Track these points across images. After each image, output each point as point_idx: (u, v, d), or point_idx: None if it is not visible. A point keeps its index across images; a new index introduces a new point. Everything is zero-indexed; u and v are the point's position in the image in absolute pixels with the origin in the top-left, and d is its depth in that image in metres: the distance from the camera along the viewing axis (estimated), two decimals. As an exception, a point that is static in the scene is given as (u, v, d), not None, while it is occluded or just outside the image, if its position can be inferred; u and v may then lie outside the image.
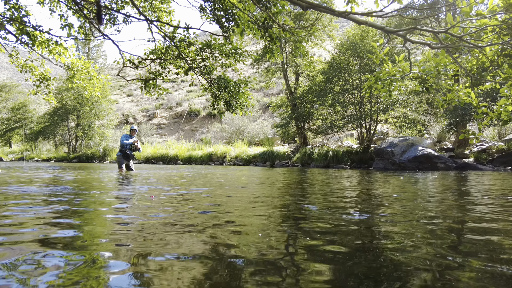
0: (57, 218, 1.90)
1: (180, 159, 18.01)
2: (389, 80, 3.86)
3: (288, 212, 2.27)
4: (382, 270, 1.10)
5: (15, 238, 1.45)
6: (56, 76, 15.34)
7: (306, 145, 16.00)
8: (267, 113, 26.92)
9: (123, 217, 2.00)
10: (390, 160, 10.66)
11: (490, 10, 3.22)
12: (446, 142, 14.45)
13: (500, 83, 3.67)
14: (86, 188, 3.76)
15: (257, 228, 1.71)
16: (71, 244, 1.37)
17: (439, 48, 3.44)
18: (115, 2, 6.05)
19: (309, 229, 1.70)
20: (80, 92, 22.95)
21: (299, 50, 4.93)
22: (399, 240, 1.50)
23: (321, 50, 19.16)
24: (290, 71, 16.96)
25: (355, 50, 12.80)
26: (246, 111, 5.87)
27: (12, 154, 26.35)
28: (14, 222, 1.79)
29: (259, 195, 3.24)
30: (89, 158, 21.62)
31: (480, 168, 9.74)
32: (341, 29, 24.19)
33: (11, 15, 5.44)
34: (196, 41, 5.66)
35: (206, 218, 1.95)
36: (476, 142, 12.54)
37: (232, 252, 1.28)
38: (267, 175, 6.81)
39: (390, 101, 12.31)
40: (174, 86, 42.47)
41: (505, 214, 2.23)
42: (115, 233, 1.58)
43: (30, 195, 2.96)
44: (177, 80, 42.60)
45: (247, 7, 4.57)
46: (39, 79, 6.33)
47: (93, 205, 2.49)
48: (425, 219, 2.02)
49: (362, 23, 3.77)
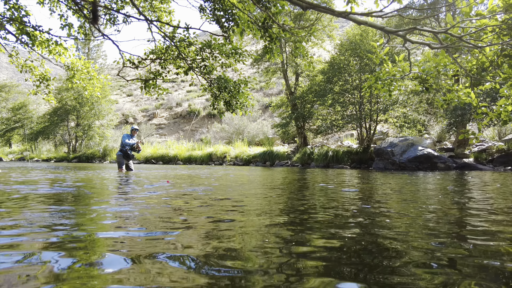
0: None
1: (180, 159, 18.01)
2: (389, 80, 3.86)
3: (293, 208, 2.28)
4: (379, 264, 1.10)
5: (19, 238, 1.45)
6: (56, 76, 15.33)
7: (306, 145, 16.00)
8: (267, 113, 26.93)
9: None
10: (390, 160, 10.67)
11: (490, 10, 3.22)
12: (446, 142, 14.46)
13: (499, 83, 3.68)
14: (98, 189, 3.76)
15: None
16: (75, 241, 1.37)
17: (439, 48, 3.45)
18: (115, 2, 6.05)
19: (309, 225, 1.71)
20: (80, 92, 22.96)
21: (299, 50, 4.93)
22: (398, 234, 1.50)
23: (321, 50, 19.18)
24: (290, 71, 16.97)
25: (355, 50, 12.80)
26: (246, 111, 5.87)
27: (12, 154, 26.35)
28: (21, 223, 1.79)
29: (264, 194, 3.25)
30: (89, 158, 21.63)
31: (480, 168, 9.75)
32: (341, 29, 24.20)
33: (11, 15, 5.45)
34: (196, 41, 5.66)
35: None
36: (476, 142, 12.55)
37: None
38: (267, 175, 6.82)
39: (390, 101, 12.32)
40: (174, 86, 42.48)
41: (504, 214, 2.23)
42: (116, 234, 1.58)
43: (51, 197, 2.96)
44: (177, 80, 42.62)
45: (247, 7, 4.58)
46: (39, 79, 6.34)
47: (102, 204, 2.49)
48: (424, 218, 2.02)
49: (362, 23, 3.77)
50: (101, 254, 1.25)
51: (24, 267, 1.09)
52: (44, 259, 1.16)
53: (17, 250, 1.27)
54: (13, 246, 1.34)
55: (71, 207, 2.33)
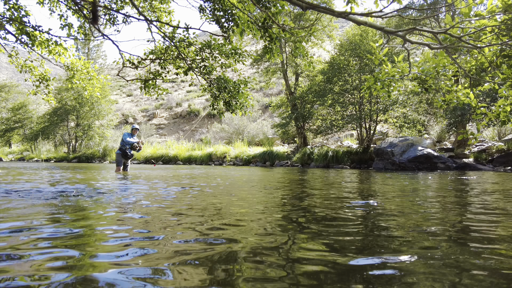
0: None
1: (180, 159, 18.02)
2: (388, 81, 3.86)
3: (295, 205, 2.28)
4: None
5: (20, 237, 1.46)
6: (55, 76, 15.34)
7: (306, 145, 16.01)
8: (267, 113, 26.93)
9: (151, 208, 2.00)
10: (390, 160, 10.67)
11: (489, 10, 3.23)
12: (445, 142, 14.46)
13: (499, 83, 3.68)
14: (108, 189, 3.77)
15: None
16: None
17: (438, 48, 3.45)
18: (115, 2, 6.05)
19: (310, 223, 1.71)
20: (80, 92, 22.96)
21: (299, 50, 4.93)
22: (397, 231, 1.50)
23: (321, 50, 19.18)
24: (290, 71, 16.97)
25: (355, 50, 12.81)
26: (246, 111, 5.87)
27: (11, 154, 26.34)
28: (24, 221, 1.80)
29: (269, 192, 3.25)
30: (89, 158, 21.62)
31: (479, 168, 9.75)
32: (341, 29, 24.19)
33: (11, 15, 5.44)
34: (196, 41, 5.66)
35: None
36: (475, 142, 12.55)
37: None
38: (267, 175, 6.82)
39: (389, 101, 12.32)
40: (174, 86, 42.47)
41: (503, 214, 2.23)
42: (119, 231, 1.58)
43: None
44: (176, 80, 42.61)
45: (247, 7, 4.58)
46: (39, 79, 6.33)
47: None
48: (424, 218, 2.03)
49: (362, 24, 3.77)
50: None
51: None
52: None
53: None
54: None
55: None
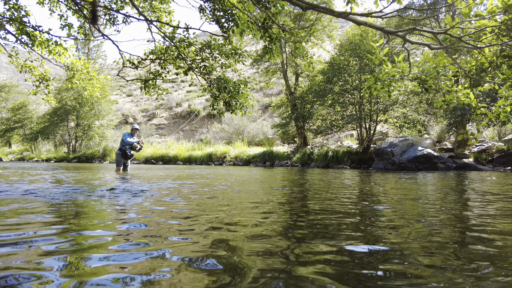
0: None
1: (180, 159, 18.02)
2: (388, 81, 3.86)
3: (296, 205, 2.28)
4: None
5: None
6: (55, 76, 15.34)
7: (306, 145, 16.01)
8: (267, 113, 26.93)
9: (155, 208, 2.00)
10: (390, 160, 10.67)
11: (489, 11, 3.23)
12: (446, 142, 14.46)
13: (499, 84, 3.68)
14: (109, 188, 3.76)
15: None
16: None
17: (438, 48, 3.45)
18: (115, 2, 6.05)
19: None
20: (80, 92, 22.96)
21: (299, 50, 4.93)
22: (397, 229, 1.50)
23: (321, 50, 19.20)
24: (290, 71, 16.97)
25: (355, 51, 12.81)
26: (246, 112, 5.87)
27: (11, 155, 26.34)
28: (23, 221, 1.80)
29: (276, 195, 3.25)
30: (89, 158, 21.62)
31: (479, 168, 9.75)
32: (341, 29, 24.19)
33: (11, 15, 5.45)
34: (196, 42, 5.66)
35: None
36: (475, 142, 12.54)
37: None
38: (268, 175, 6.82)
39: (389, 101, 12.33)
40: (174, 86, 42.48)
41: (502, 214, 2.23)
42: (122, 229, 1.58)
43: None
44: (177, 80, 42.62)
45: (247, 8, 4.58)
46: (39, 79, 6.33)
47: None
48: (425, 217, 2.03)
49: (362, 24, 3.77)
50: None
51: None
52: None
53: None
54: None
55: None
